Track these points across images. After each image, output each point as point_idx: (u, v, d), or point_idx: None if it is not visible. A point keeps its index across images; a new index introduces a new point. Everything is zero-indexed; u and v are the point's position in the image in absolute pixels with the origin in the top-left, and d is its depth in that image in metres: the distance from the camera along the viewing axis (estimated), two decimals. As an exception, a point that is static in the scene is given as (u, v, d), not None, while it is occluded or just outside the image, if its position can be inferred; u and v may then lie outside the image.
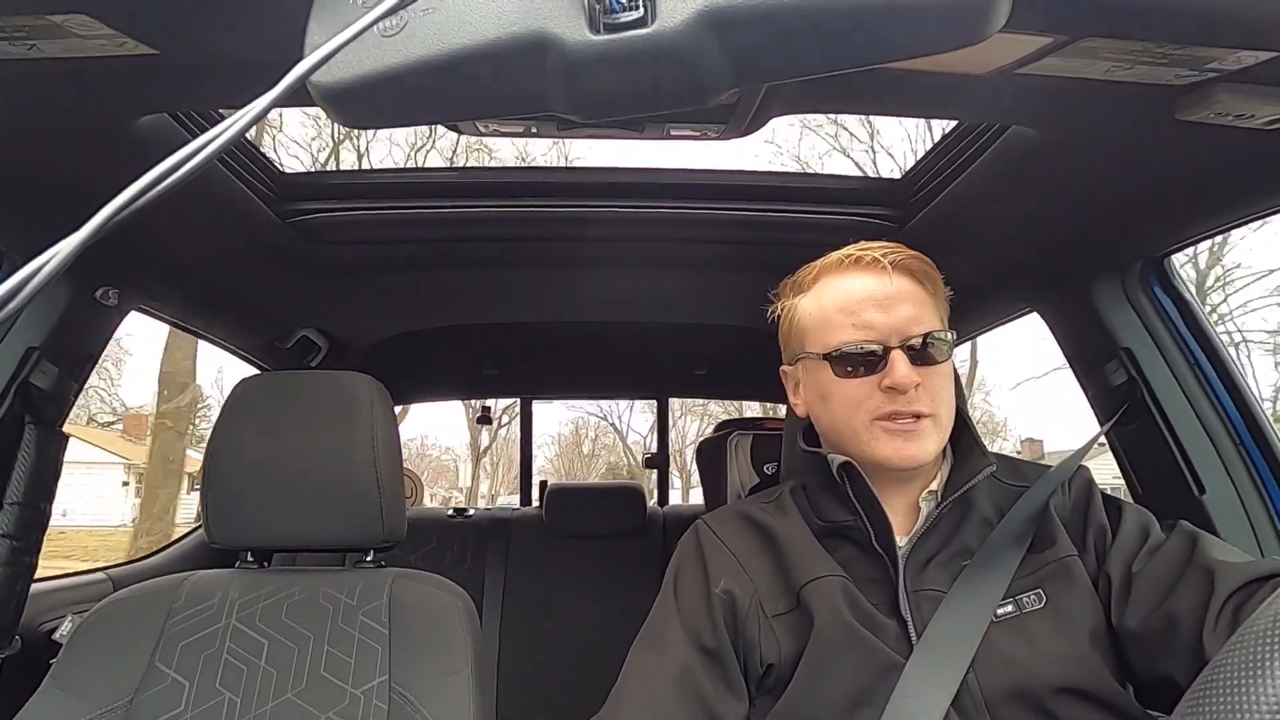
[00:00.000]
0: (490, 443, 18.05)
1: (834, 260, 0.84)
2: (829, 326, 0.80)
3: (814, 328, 0.83)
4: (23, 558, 1.08)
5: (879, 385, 0.76)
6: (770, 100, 0.83)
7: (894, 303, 0.78)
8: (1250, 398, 1.12)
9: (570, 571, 2.15)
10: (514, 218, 1.26)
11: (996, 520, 0.80)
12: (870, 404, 0.77)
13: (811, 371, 0.83)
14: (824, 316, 0.82)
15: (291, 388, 1.04)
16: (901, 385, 0.75)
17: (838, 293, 0.82)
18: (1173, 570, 0.72)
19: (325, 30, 0.41)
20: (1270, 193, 0.91)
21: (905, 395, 0.76)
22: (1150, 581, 0.73)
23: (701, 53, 0.39)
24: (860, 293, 0.80)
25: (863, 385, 0.78)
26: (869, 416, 0.77)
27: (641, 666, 0.79)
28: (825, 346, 0.80)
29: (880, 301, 0.78)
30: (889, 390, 0.76)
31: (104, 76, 0.73)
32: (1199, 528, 0.77)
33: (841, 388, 0.79)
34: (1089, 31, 0.62)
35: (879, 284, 0.79)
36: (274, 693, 0.88)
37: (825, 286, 0.83)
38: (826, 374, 0.80)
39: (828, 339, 0.80)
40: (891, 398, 0.76)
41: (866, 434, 0.78)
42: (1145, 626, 0.71)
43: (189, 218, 1.11)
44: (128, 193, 0.29)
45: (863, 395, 0.78)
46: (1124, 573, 0.75)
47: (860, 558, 0.79)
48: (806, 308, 0.84)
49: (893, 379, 0.75)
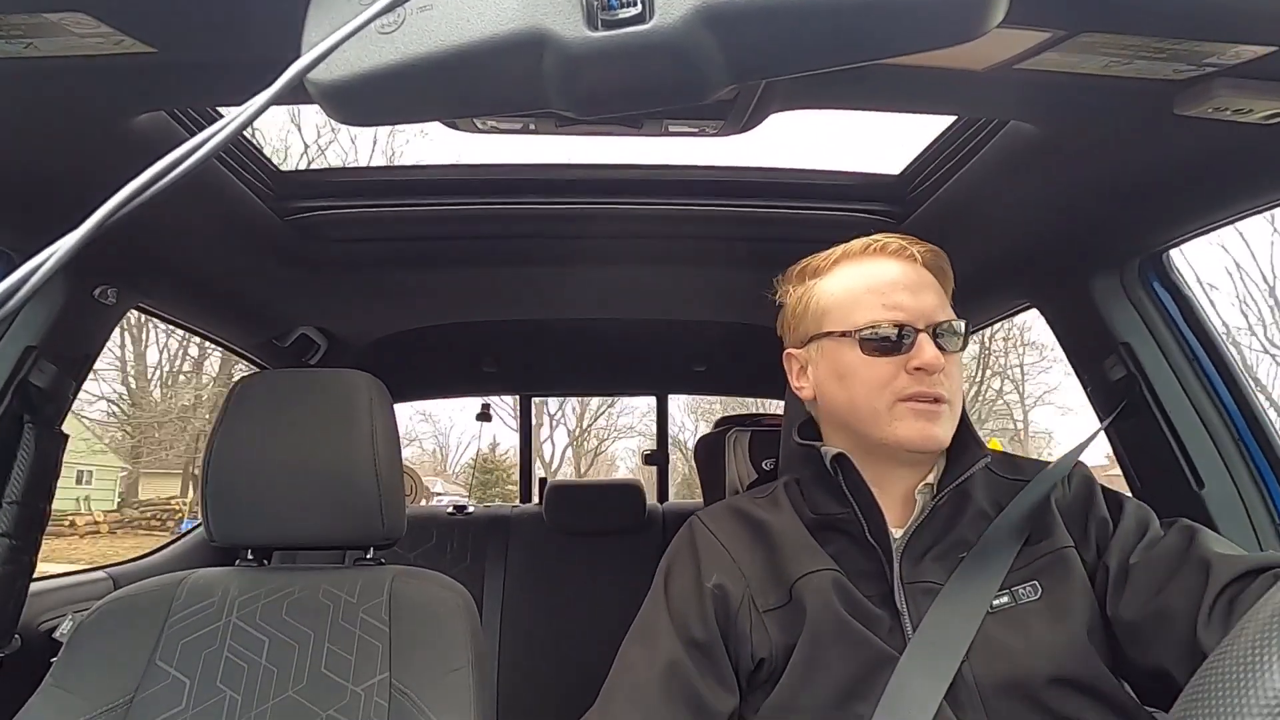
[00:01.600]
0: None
1: (857, 246, 0.85)
2: (856, 306, 0.81)
3: (837, 307, 0.83)
4: (22, 557, 1.08)
5: (904, 367, 0.77)
6: (768, 96, 0.83)
7: (920, 289, 0.80)
8: (1249, 392, 1.13)
9: (570, 568, 2.15)
10: (513, 214, 1.26)
11: (993, 514, 0.80)
12: (895, 384, 0.78)
13: (830, 352, 0.83)
14: (850, 296, 0.82)
15: (291, 386, 1.04)
16: (931, 366, 0.76)
17: (865, 275, 0.82)
18: (1169, 563, 0.72)
19: (323, 27, 0.41)
20: (1269, 187, 0.91)
21: (931, 377, 0.77)
22: (1147, 573, 0.73)
23: (699, 49, 0.39)
24: (889, 275, 0.81)
25: (889, 365, 0.78)
26: (893, 397, 0.78)
27: (631, 662, 0.79)
28: (852, 325, 0.80)
29: (908, 286, 0.80)
30: (916, 371, 0.77)
31: (101, 75, 0.72)
32: (1198, 522, 0.77)
33: (867, 367, 0.79)
34: (1087, 26, 0.62)
35: (906, 270, 0.81)
36: (274, 690, 0.88)
37: (848, 270, 0.84)
38: (851, 353, 0.80)
39: (855, 318, 0.80)
40: (918, 379, 0.77)
41: (889, 414, 0.78)
42: (1140, 617, 0.71)
43: (187, 216, 1.11)
44: (126, 191, 0.29)
45: (888, 375, 0.78)
46: (1121, 564, 0.75)
47: (853, 550, 0.79)
48: (828, 289, 0.85)
49: (922, 359, 0.76)
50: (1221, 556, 0.69)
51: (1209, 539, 0.73)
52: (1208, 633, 0.66)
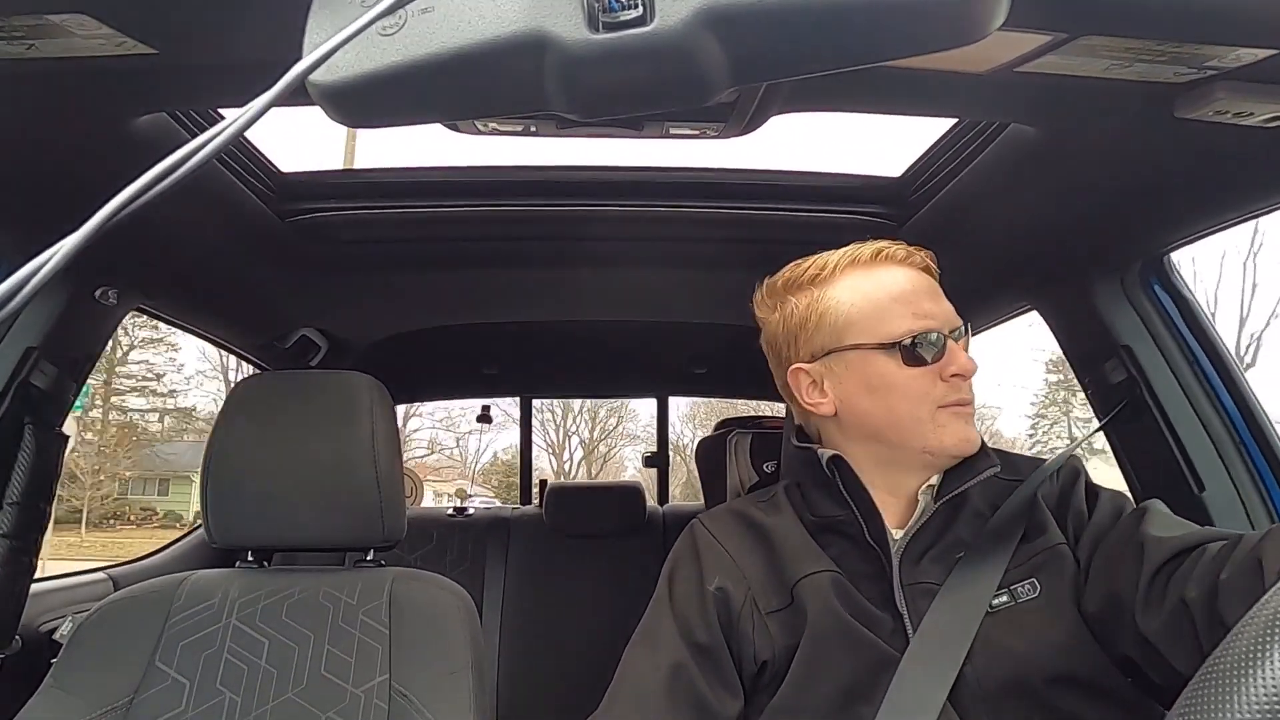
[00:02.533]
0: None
1: (865, 254, 0.82)
2: (886, 316, 0.79)
3: (862, 319, 0.80)
4: (22, 558, 1.08)
5: (940, 374, 0.78)
6: (769, 99, 0.83)
7: (937, 295, 0.81)
8: (1250, 395, 1.13)
9: (570, 571, 2.15)
10: (513, 216, 1.26)
11: (990, 514, 0.80)
12: (936, 392, 0.78)
13: (858, 365, 0.80)
14: (875, 307, 0.79)
15: (291, 387, 1.04)
16: (968, 371, 0.77)
17: (884, 284, 0.80)
18: (1119, 550, 0.73)
19: (324, 29, 0.41)
20: (1270, 190, 0.91)
21: (967, 383, 0.78)
22: (1102, 563, 0.74)
23: (700, 51, 0.39)
24: (911, 284, 0.80)
25: (926, 374, 0.78)
26: (933, 405, 0.78)
27: (635, 665, 0.79)
28: (886, 336, 0.78)
29: (930, 293, 0.80)
30: (954, 379, 0.77)
31: (102, 76, 0.72)
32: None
33: (907, 378, 0.78)
34: (1088, 29, 0.62)
35: (922, 278, 0.82)
36: (274, 692, 0.88)
37: (861, 279, 0.81)
38: (887, 364, 0.78)
39: (888, 329, 0.78)
40: (954, 385, 0.78)
41: (932, 423, 0.78)
42: (1099, 609, 0.72)
43: (188, 217, 1.11)
44: (127, 192, 0.29)
45: (928, 384, 0.78)
46: (1088, 557, 0.76)
47: (853, 552, 0.79)
48: (843, 299, 0.81)
49: (959, 365, 0.77)
50: (1156, 540, 0.69)
51: (1152, 520, 0.73)
52: (1145, 618, 0.67)
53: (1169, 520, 0.74)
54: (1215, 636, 0.55)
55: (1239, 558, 0.61)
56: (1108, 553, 0.74)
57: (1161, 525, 0.72)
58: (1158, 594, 0.66)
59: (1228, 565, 0.62)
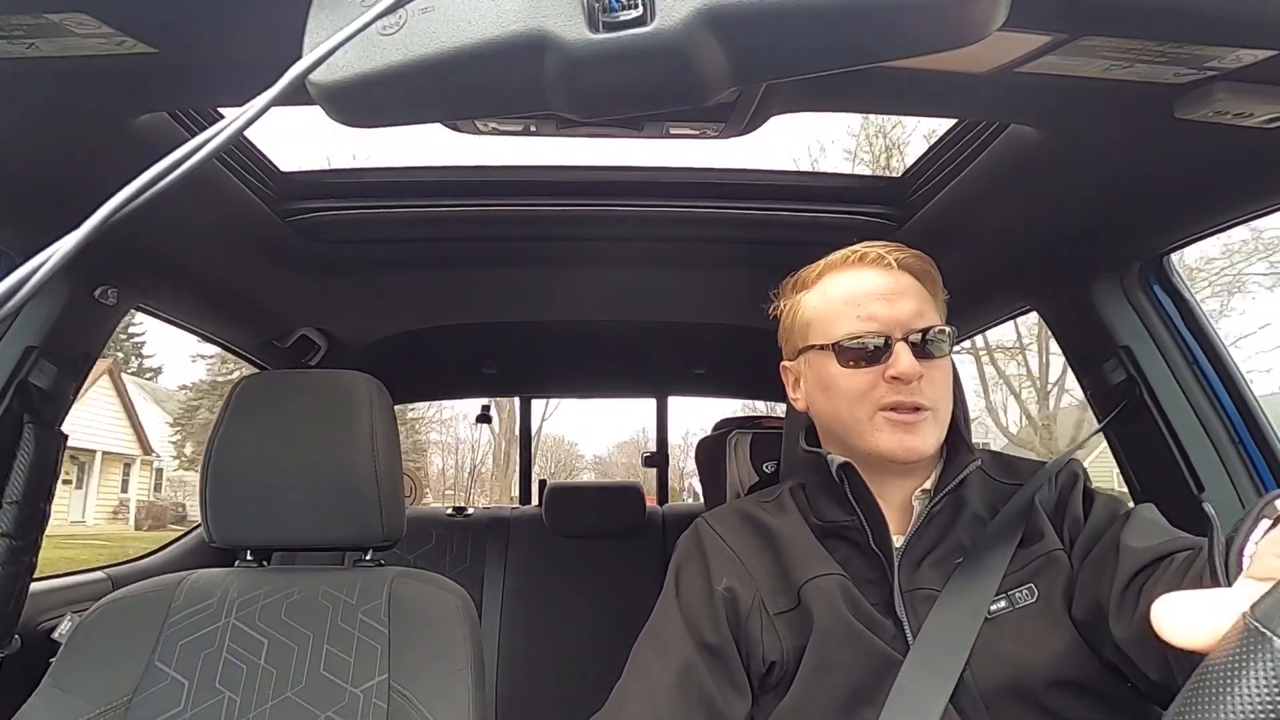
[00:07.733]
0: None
1: (838, 258, 0.85)
2: (834, 319, 0.82)
3: (818, 320, 0.84)
4: (22, 557, 1.08)
5: (882, 376, 0.77)
6: (769, 99, 0.83)
7: (897, 297, 0.80)
8: (1249, 396, 1.13)
9: (570, 570, 2.14)
10: (513, 216, 1.26)
11: (989, 518, 0.80)
12: (874, 395, 0.78)
13: (815, 364, 0.84)
14: (829, 309, 0.83)
15: (291, 387, 1.04)
16: (906, 375, 0.76)
17: (843, 287, 0.83)
18: (1102, 556, 0.73)
19: (324, 29, 0.41)
20: (1269, 191, 0.91)
21: (909, 386, 0.77)
22: (1087, 569, 0.74)
23: (700, 51, 0.39)
24: (865, 286, 0.81)
25: (866, 376, 0.78)
26: (872, 407, 0.78)
27: (644, 665, 0.79)
28: (830, 338, 0.81)
29: (884, 295, 0.80)
30: (893, 381, 0.77)
31: (102, 75, 0.72)
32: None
33: (845, 378, 0.80)
34: (1088, 30, 0.62)
35: (883, 279, 0.81)
36: (273, 691, 0.88)
37: (830, 282, 0.85)
38: (831, 365, 0.81)
39: (832, 330, 0.81)
40: (895, 388, 0.77)
41: (869, 425, 0.78)
42: (1083, 615, 0.72)
43: (188, 216, 1.11)
44: (127, 191, 0.29)
45: (866, 386, 0.78)
46: (1080, 563, 0.76)
47: (858, 558, 0.79)
48: (811, 302, 0.86)
49: (897, 369, 0.76)
50: (1130, 549, 0.69)
51: (1131, 527, 0.72)
52: (1118, 626, 0.66)
53: (1149, 527, 0.73)
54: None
55: (1199, 566, 0.61)
56: (1093, 559, 0.74)
57: (1139, 533, 0.72)
58: (1130, 602, 0.66)
59: (1189, 573, 0.62)
